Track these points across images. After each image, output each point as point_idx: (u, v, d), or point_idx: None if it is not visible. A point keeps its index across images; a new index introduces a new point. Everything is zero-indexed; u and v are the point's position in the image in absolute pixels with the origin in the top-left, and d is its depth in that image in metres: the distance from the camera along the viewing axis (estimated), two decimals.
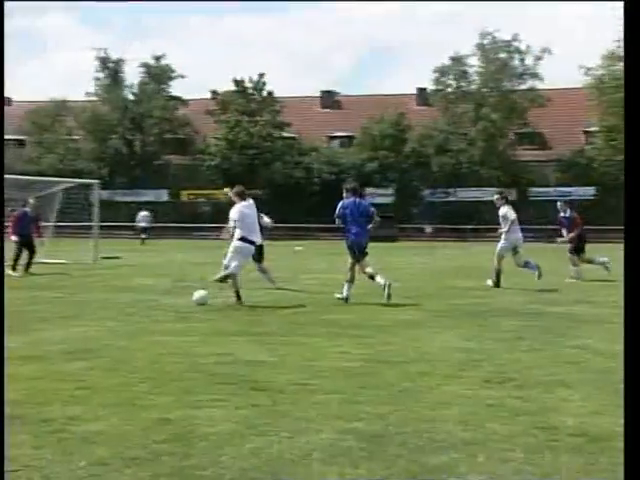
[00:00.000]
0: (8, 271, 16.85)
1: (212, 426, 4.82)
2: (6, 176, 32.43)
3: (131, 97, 62.77)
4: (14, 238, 17.89)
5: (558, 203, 18.02)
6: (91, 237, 23.84)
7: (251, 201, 12.60)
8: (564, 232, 17.29)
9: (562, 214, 17.44)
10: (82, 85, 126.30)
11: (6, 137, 65.33)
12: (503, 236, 15.08)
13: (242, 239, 12.11)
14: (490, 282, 14.85)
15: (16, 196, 24.84)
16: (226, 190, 13.42)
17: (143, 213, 42.01)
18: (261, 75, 58.98)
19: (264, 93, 58.92)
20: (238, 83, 58.93)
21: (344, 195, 12.62)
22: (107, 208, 43.05)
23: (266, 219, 14.69)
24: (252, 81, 58.99)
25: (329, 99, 68.26)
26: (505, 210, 15.10)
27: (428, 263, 23.09)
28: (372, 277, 12.38)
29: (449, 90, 57.77)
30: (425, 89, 62.61)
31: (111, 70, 62.53)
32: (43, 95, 75.84)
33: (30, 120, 62.99)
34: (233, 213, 12.17)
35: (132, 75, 75.90)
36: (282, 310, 11.05)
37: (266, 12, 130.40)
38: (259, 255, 14.01)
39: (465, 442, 4.55)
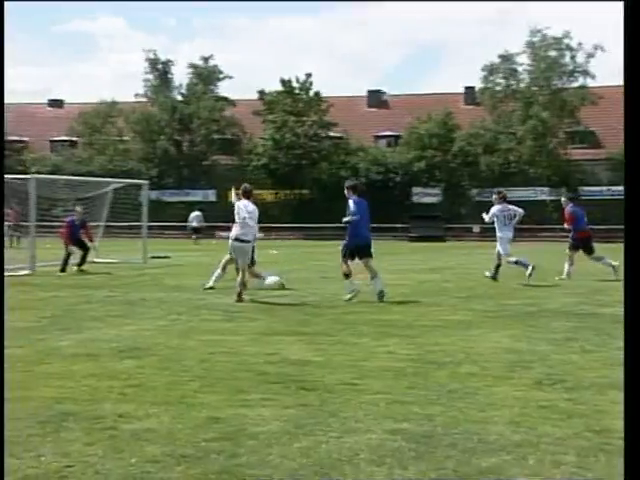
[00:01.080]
0: (58, 272, 17.42)
1: (261, 425, 4.85)
2: (58, 177, 33.08)
3: (179, 98, 63.35)
4: (74, 248, 18.58)
5: (562, 198, 18.26)
6: (140, 237, 24.14)
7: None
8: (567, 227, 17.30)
9: (566, 208, 17.36)
10: (132, 87, 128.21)
11: (58, 138, 66.87)
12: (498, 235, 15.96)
13: (237, 239, 12.57)
14: (488, 273, 15.73)
15: (67, 196, 25.35)
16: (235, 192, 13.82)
17: (195, 213, 42.35)
18: (308, 75, 59.04)
19: (311, 93, 58.95)
20: (285, 83, 59.06)
21: (346, 194, 12.73)
22: (156, 208, 43.61)
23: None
24: (299, 81, 59.05)
25: (376, 98, 68.08)
26: (497, 206, 16.07)
27: (478, 263, 22.88)
28: (347, 276, 12.46)
29: (498, 89, 57.13)
30: (473, 88, 62.03)
31: (160, 71, 63.24)
32: (94, 97, 77.04)
33: (81, 121, 64.09)
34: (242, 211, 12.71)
35: (181, 76, 76.75)
36: (331, 310, 11.05)
37: (313, 12, 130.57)
38: (251, 259, 13.62)
39: (516, 444, 4.50)
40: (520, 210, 16.32)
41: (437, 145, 56.78)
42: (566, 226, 17.23)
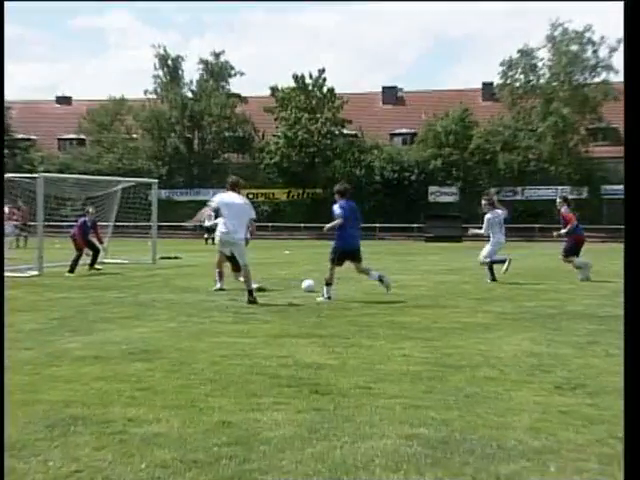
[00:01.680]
0: (66, 273, 17.46)
1: (273, 430, 4.85)
2: (66, 175, 33.26)
3: (190, 95, 63.58)
4: (87, 250, 18.70)
5: (557, 199, 18.12)
6: (150, 237, 24.21)
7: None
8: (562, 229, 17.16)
9: (562, 210, 17.34)
10: (141, 83, 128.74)
11: (66, 136, 67.24)
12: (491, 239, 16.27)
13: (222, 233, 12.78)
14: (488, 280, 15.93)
15: (76, 196, 25.48)
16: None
17: (208, 213, 42.48)
18: (321, 71, 59.09)
19: (324, 89, 59.00)
20: (298, 79, 59.10)
21: (335, 197, 13.07)
22: (165, 208, 43.77)
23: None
24: (312, 77, 59.10)
25: (391, 95, 68.17)
26: (488, 215, 16.32)
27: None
28: (366, 272, 13.02)
29: (517, 84, 57.03)
30: (491, 84, 61.95)
31: (170, 68, 63.48)
32: (103, 94, 77.38)
33: (90, 119, 64.40)
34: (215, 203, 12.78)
35: (191, 72, 77.00)
36: (346, 312, 11.05)
37: (327, 7, 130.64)
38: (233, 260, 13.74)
39: (536, 451, 4.48)
40: (505, 211, 16.82)
41: (454, 142, 56.75)
42: (563, 231, 16.92)
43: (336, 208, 12.81)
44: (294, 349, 7.79)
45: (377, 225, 52.14)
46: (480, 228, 16.75)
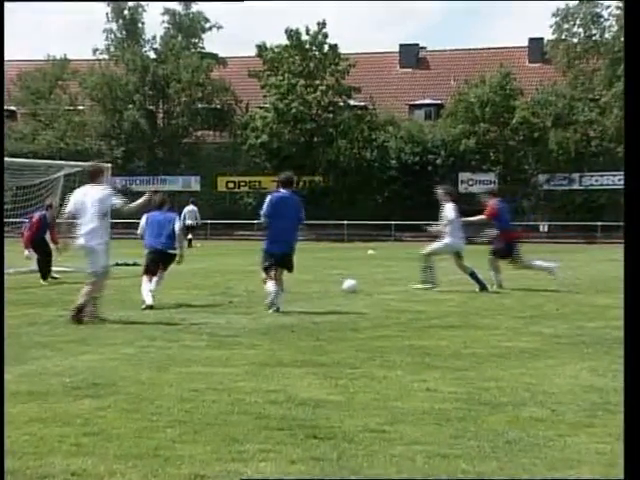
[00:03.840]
0: (40, 281, 17.87)
1: None
2: None
3: (152, 55, 63.61)
4: (27, 253, 18.85)
5: (485, 192, 19.57)
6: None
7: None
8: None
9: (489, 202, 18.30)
10: (89, 40, 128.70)
11: None
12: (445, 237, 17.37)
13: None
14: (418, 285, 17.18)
15: (6, 184, 25.45)
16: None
17: (189, 207, 42.48)
18: (322, 24, 59.07)
19: (326, 48, 59.01)
20: (292, 35, 59.09)
21: (277, 187, 13.98)
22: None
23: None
24: (310, 33, 59.10)
25: (411, 56, 68.20)
26: (446, 209, 17.43)
27: (544, 273, 22.79)
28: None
29: (575, 40, 57.05)
30: (541, 39, 62.05)
31: (126, 20, 63.52)
32: (40, 53, 77.35)
33: (22, 85, 64.26)
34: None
35: (154, 26, 76.87)
36: (353, 333, 11.07)
37: None
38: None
39: None
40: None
41: (492, 117, 56.74)
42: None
43: (265, 203, 13.80)
44: (286, 381, 7.79)
45: (392, 223, 52.15)
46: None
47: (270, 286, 13.49)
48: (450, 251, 17.55)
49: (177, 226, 14.88)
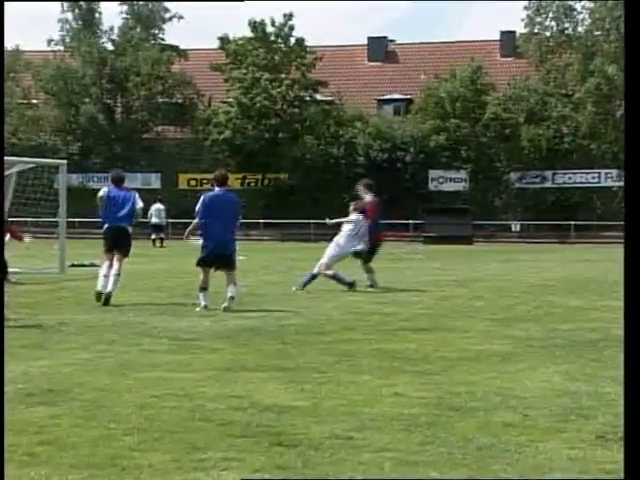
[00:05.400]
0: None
1: None
2: None
3: (110, 47, 63.30)
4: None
5: (358, 186, 18.82)
6: (57, 238, 24.04)
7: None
8: None
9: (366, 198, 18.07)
10: (43, 30, 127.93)
11: None
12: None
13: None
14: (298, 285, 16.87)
15: None
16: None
17: (156, 206, 42.38)
18: (288, 16, 59.08)
19: (291, 41, 59.02)
20: (256, 27, 59.05)
21: (211, 186, 14.25)
22: (78, 197, 43.51)
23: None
24: (275, 24, 59.09)
25: (380, 49, 68.26)
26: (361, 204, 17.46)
27: (516, 274, 22.92)
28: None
29: (547, 34, 57.35)
30: (513, 33, 62.36)
31: (82, 9, 63.15)
32: None
33: None
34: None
35: (111, 16, 76.52)
36: (320, 337, 11.07)
37: None
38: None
39: None
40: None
41: (463, 112, 56.98)
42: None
43: (199, 202, 14.16)
44: (250, 387, 7.79)
45: None
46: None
47: (201, 297, 13.77)
48: (346, 254, 17.43)
49: (138, 205, 15.25)
